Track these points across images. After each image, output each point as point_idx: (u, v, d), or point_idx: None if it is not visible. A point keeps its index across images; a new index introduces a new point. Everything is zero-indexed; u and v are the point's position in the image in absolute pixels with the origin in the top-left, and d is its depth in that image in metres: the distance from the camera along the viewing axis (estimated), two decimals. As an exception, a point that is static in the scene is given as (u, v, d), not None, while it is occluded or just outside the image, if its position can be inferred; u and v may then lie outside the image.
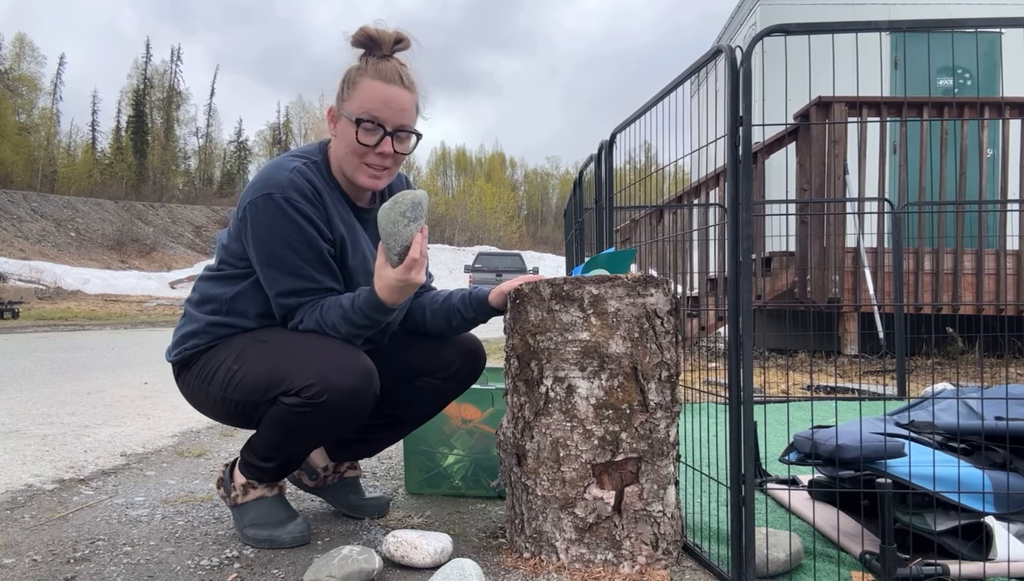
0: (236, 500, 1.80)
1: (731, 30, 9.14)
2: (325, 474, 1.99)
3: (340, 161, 1.71)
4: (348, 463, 2.01)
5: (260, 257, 1.65)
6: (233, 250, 1.73)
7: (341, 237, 1.70)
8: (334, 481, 2.00)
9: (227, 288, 1.74)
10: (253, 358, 1.66)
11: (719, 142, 1.59)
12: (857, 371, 5.12)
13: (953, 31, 1.52)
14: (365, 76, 1.65)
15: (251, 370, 1.64)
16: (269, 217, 1.61)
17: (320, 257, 1.66)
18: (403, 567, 1.61)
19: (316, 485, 2.01)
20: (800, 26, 1.53)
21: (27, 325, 12.91)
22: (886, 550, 1.41)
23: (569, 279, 1.62)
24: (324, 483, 2.00)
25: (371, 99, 1.64)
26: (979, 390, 1.99)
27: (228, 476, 1.83)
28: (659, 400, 1.61)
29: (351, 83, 1.66)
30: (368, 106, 1.64)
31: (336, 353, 1.61)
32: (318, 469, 1.99)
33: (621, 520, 1.58)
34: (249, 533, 1.76)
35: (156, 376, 5.44)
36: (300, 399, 1.57)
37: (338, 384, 1.56)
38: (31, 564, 1.64)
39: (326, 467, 1.99)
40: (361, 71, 1.66)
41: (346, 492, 1.99)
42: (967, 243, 5.49)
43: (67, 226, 39.38)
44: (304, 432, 1.65)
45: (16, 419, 3.57)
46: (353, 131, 1.65)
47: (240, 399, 1.66)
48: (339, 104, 1.68)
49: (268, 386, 1.61)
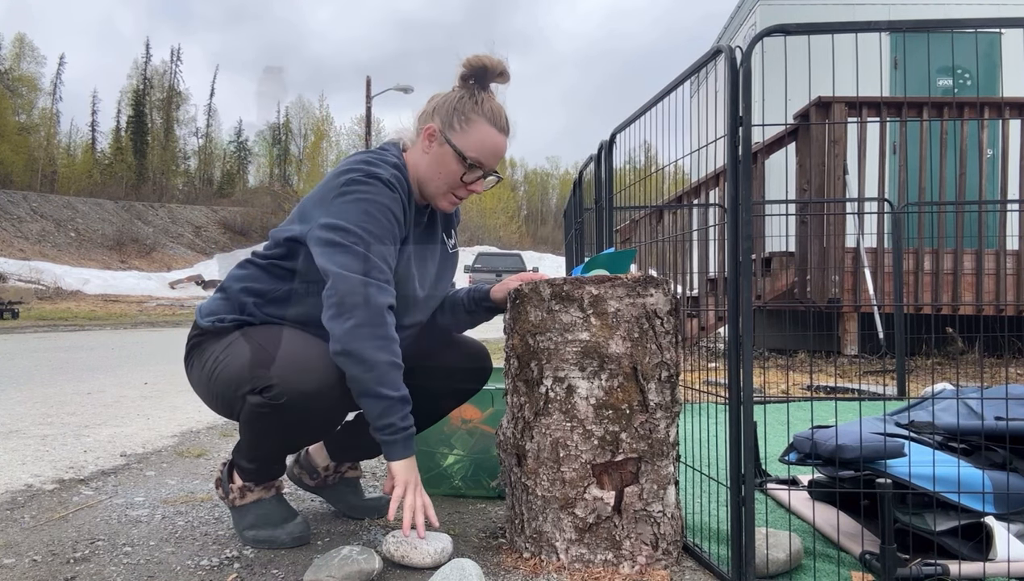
0: (234, 502, 1.79)
1: (731, 30, 9.14)
2: (326, 474, 1.99)
3: (424, 178, 1.73)
4: (349, 464, 2.01)
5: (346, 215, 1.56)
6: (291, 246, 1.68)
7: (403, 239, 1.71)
8: (335, 481, 2.00)
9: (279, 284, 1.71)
10: (236, 351, 1.64)
11: (719, 142, 1.59)
12: (857, 371, 5.12)
13: (953, 31, 1.52)
14: (481, 117, 1.69)
15: (231, 363, 1.63)
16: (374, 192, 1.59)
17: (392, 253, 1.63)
18: (403, 567, 1.61)
19: (317, 484, 2.01)
20: (800, 26, 1.53)
21: (27, 325, 12.91)
22: (886, 550, 1.41)
23: (569, 279, 1.62)
24: (324, 483, 2.00)
25: (486, 146, 1.70)
26: (979, 390, 1.99)
27: (226, 477, 1.83)
28: (659, 400, 1.61)
29: (465, 118, 1.69)
30: (482, 152, 1.70)
31: (303, 353, 1.56)
32: (319, 468, 1.99)
33: (621, 520, 1.58)
34: (248, 535, 1.76)
35: (156, 376, 5.44)
36: (262, 399, 1.55)
37: (297, 386, 1.52)
38: (31, 564, 1.64)
39: (327, 467, 1.99)
40: (476, 109, 1.69)
41: (346, 492, 1.99)
42: (967, 243, 5.49)
43: (67, 226, 39.38)
44: (271, 432, 1.62)
45: (16, 419, 3.57)
46: (457, 166, 1.69)
47: (220, 391, 1.66)
48: (446, 130, 1.70)
49: (240, 382, 1.59)
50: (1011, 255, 5.53)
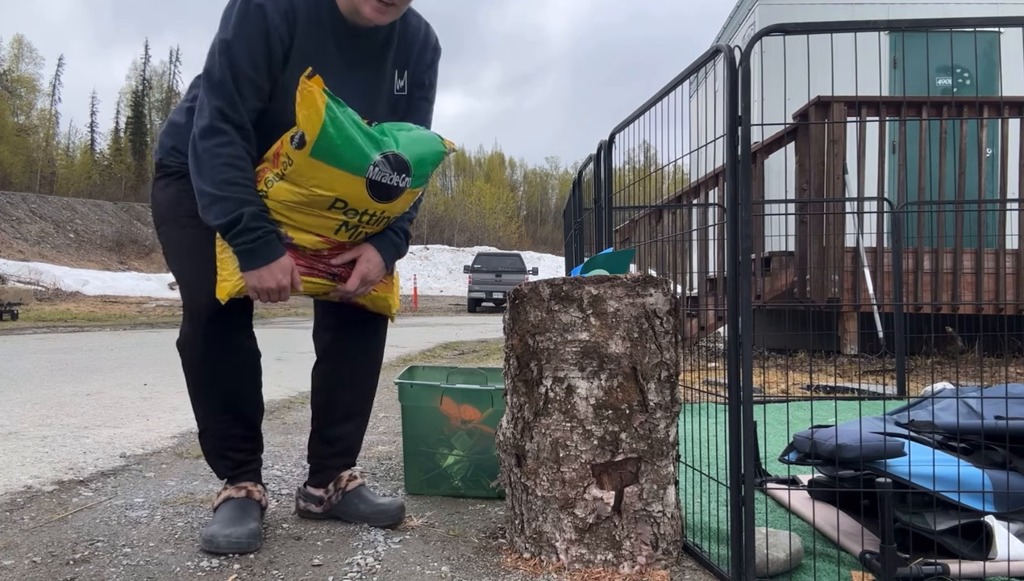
0: (213, 503, 1.88)
1: (730, 30, 9.13)
2: (327, 496, 1.98)
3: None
4: (346, 476, 2.00)
5: (216, 36, 1.67)
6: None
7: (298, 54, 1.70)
8: (338, 500, 1.99)
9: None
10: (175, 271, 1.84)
11: (718, 142, 1.59)
12: (857, 371, 5.11)
13: (952, 30, 1.52)
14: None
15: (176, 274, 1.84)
16: (237, 15, 1.65)
17: (257, 73, 1.66)
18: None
19: (324, 509, 2.00)
20: (799, 26, 1.53)
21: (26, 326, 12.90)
22: (886, 550, 1.41)
23: (568, 279, 1.62)
24: (331, 504, 1.99)
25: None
26: (979, 389, 1.98)
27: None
28: (659, 400, 1.61)
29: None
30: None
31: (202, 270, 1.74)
32: (319, 496, 1.99)
33: (621, 520, 1.58)
34: (202, 531, 1.79)
35: (156, 377, 5.44)
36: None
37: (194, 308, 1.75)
38: (30, 565, 1.64)
39: (326, 489, 1.98)
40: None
41: (355, 504, 1.97)
42: (966, 242, 5.48)
43: (66, 227, 39.36)
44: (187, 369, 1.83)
45: (15, 420, 3.57)
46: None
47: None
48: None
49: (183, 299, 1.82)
50: (1010, 254, 5.53)
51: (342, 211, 1.70)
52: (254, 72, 1.65)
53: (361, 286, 1.80)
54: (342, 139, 1.61)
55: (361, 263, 1.80)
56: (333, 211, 1.70)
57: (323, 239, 1.76)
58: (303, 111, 1.59)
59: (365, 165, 1.64)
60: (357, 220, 1.74)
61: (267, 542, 1.80)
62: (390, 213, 1.77)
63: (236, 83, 1.64)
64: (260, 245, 1.65)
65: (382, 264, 1.83)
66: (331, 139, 1.60)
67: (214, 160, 1.64)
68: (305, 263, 1.76)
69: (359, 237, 1.80)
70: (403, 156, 1.69)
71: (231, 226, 1.63)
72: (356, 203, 1.69)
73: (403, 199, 1.75)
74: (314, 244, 1.75)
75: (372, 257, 1.81)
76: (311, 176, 1.64)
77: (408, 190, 1.73)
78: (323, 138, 1.59)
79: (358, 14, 1.69)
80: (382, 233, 1.85)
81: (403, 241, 1.91)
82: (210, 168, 1.64)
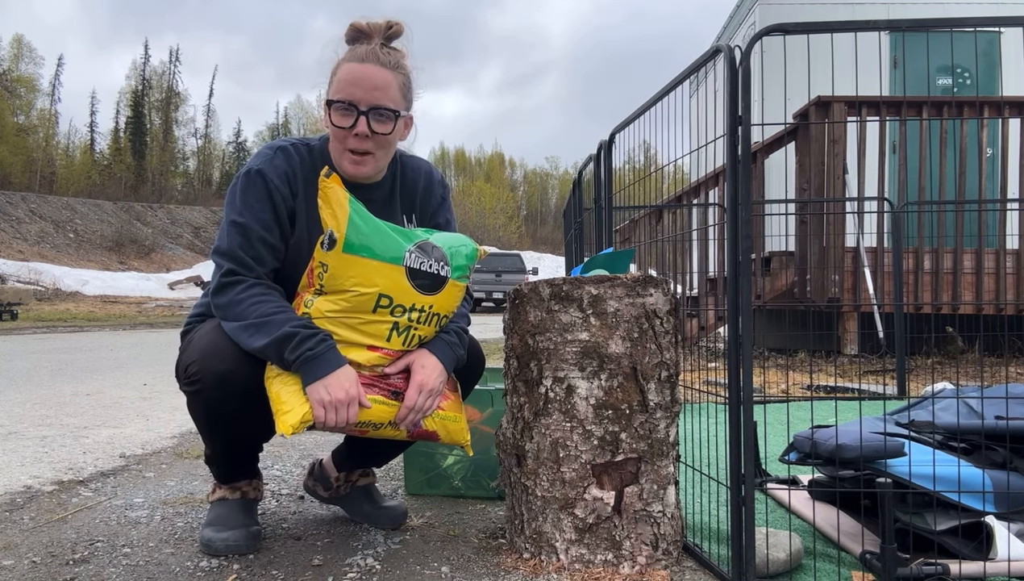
0: (208, 498, 1.87)
1: (730, 30, 9.13)
2: (337, 484, 1.98)
3: (332, 151, 1.72)
4: (360, 472, 2.00)
5: (224, 217, 1.69)
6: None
7: (304, 214, 1.70)
8: (347, 491, 1.99)
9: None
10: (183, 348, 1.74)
11: (718, 142, 1.59)
12: (857, 371, 5.11)
13: (952, 30, 1.52)
14: (344, 61, 1.66)
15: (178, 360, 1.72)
16: (240, 188, 1.66)
17: (269, 233, 1.66)
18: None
19: (331, 495, 2.01)
20: (799, 25, 1.52)
21: (26, 326, 12.90)
22: (886, 550, 1.41)
23: (568, 279, 1.62)
24: (338, 493, 1.99)
25: (344, 80, 1.63)
26: (979, 389, 1.98)
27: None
28: (659, 400, 1.61)
29: (334, 72, 1.67)
30: (341, 88, 1.63)
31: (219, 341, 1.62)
32: (331, 479, 1.99)
33: (621, 520, 1.58)
34: (200, 533, 1.79)
35: (155, 377, 5.44)
36: (187, 379, 1.62)
37: (213, 367, 1.58)
38: (30, 566, 1.64)
39: (337, 477, 1.98)
40: (343, 59, 1.67)
41: (360, 501, 1.97)
42: (967, 242, 5.49)
43: (66, 227, 39.36)
44: (202, 417, 1.68)
45: (15, 420, 3.57)
46: (329, 116, 1.65)
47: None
48: (326, 95, 1.68)
49: (179, 369, 1.69)
50: (1011, 254, 5.53)
51: (388, 310, 1.59)
52: (266, 232, 1.64)
53: (422, 398, 1.61)
54: (371, 228, 1.58)
55: (416, 372, 1.62)
56: (379, 312, 1.59)
57: (378, 353, 1.62)
58: (327, 208, 1.57)
59: (400, 252, 1.59)
60: (407, 319, 1.61)
61: (267, 542, 1.80)
62: (439, 309, 1.65)
63: (250, 247, 1.62)
64: (323, 348, 1.53)
65: (440, 367, 1.66)
66: (360, 229, 1.56)
67: (241, 303, 1.58)
68: (364, 380, 1.59)
69: (413, 342, 1.65)
70: (437, 244, 1.66)
71: (286, 340, 1.52)
72: (401, 298, 1.59)
73: (448, 293, 1.65)
74: (369, 360, 1.61)
75: (427, 362, 1.65)
76: (349, 275, 1.56)
77: (451, 282, 1.65)
78: (352, 230, 1.55)
79: (344, 172, 1.69)
80: (434, 338, 1.71)
81: (459, 343, 1.75)
82: (240, 310, 1.58)
